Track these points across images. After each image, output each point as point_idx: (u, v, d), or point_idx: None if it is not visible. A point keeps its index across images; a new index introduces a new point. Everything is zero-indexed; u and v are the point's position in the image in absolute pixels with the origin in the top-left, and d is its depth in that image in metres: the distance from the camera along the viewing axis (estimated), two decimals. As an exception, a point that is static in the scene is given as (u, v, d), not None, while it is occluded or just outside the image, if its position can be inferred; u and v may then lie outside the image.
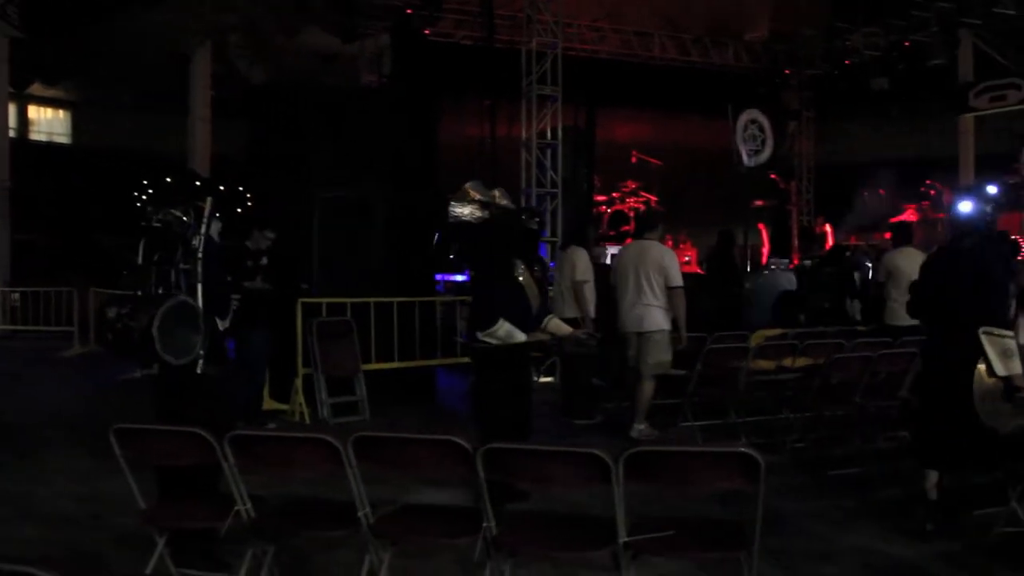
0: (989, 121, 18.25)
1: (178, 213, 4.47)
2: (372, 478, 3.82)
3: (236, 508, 3.90)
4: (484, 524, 3.69)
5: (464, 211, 5.35)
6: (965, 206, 5.24)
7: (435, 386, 9.85)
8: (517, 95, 11.37)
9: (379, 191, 9.50)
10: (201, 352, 4.44)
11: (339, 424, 8.29)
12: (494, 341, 5.27)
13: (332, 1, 13.74)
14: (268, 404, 8.51)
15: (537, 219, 6.09)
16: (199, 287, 4.44)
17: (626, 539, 3.51)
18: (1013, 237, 11.79)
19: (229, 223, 6.67)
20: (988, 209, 5.29)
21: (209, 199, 4.51)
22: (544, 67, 11.20)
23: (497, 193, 5.57)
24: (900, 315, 8.84)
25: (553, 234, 11.65)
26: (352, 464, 3.73)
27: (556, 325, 5.80)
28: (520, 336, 5.33)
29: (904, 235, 9.42)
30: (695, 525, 3.80)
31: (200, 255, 4.45)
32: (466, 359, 9.91)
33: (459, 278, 13.64)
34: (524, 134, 11.27)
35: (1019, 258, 10.40)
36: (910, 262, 8.97)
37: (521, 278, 5.52)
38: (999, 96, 17.46)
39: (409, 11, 13.99)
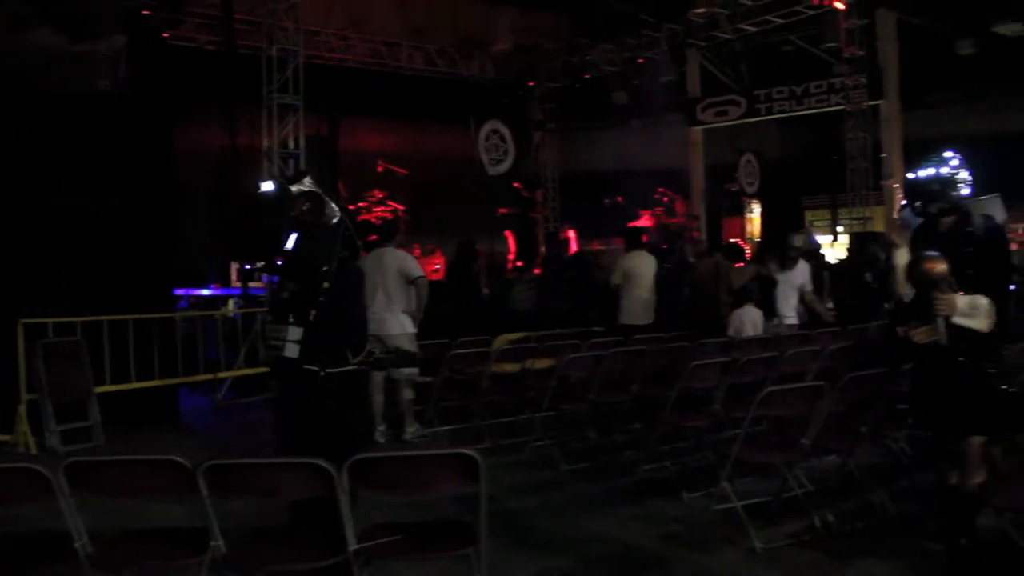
0: (714, 134, 19.80)
1: None
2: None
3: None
4: (212, 543, 3.60)
5: (334, 210, 4.64)
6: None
7: (178, 406, 9.47)
8: (259, 103, 11.09)
9: (111, 200, 9.02)
10: None
11: (69, 452, 7.77)
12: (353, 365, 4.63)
13: (58, -3, 12.82)
14: (-12, 435, 7.87)
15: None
16: None
17: (356, 546, 3.54)
18: (733, 240, 12.81)
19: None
20: None
21: None
22: (286, 75, 11.00)
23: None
24: (634, 314, 9.42)
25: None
26: (65, 493, 3.53)
27: None
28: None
29: (635, 239, 9.99)
30: (425, 527, 3.89)
31: None
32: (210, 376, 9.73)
33: (205, 292, 13.17)
34: (265, 143, 11.01)
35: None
36: (643, 264, 9.59)
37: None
38: (722, 111, 18.99)
39: (146, 12, 13.31)
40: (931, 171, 4.73)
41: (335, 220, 4.60)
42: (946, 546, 4.70)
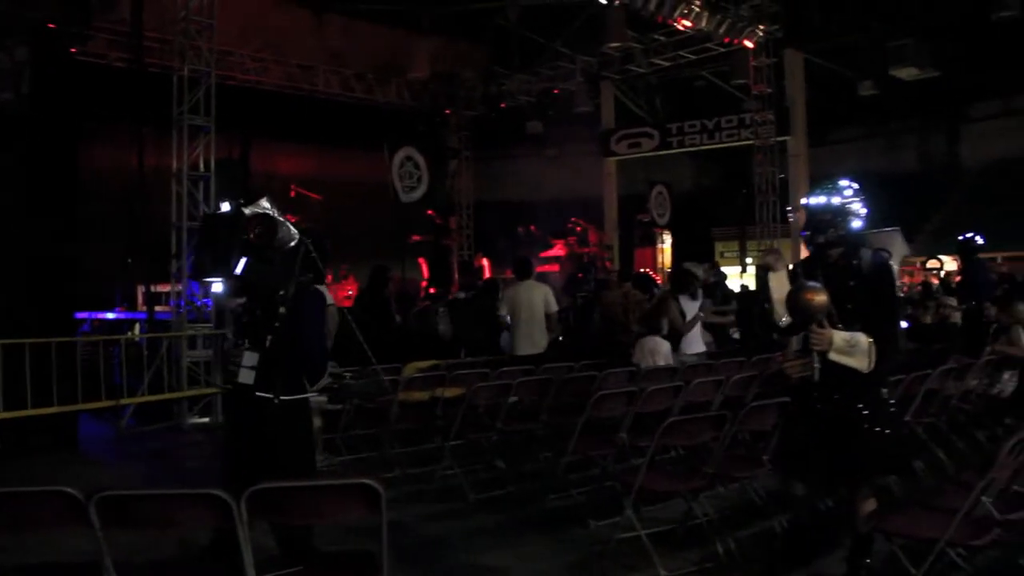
0: (627, 165, 20.15)
1: None
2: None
3: None
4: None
5: (291, 233, 4.50)
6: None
7: (77, 433, 9.16)
8: (169, 123, 10.87)
9: (9, 219, 8.73)
10: None
11: (-43, 481, 7.45)
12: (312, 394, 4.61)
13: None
14: None
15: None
16: None
17: (254, 579, 3.47)
18: (644, 270, 13.01)
19: None
20: None
21: None
22: (197, 96, 10.81)
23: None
24: (522, 345, 9.47)
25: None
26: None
27: None
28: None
29: (524, 270, 10.03)
30: (328, 558, 3.84)
31: None
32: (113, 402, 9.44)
33: (110, 316, 12.80)
34: (175, 165, 10.77)
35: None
36: (530, 295, 9.63)
37: None
38: (636, 143, 19.39)
39: (52, 25, 12.93)
40: (823, 200, 4.59)
41: (292, 243, 4.51)
42: (845, 571, 4.80)
